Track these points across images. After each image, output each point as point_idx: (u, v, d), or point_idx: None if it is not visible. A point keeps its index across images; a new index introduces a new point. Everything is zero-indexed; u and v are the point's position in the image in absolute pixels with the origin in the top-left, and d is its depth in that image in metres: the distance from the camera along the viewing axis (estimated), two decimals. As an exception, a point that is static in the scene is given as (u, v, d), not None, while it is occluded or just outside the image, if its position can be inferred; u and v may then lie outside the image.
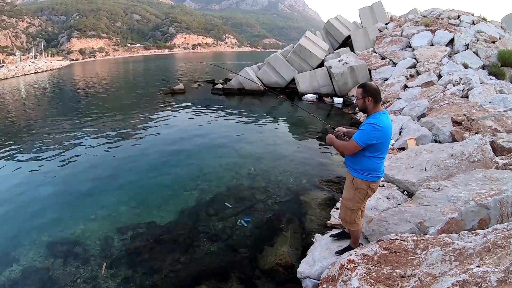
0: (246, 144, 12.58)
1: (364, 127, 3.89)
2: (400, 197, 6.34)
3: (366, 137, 3.85)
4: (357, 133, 3.95)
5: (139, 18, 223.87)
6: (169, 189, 8.88)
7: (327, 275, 4.22)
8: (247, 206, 7.73)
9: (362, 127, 3.92)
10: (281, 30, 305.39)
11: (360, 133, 3.90)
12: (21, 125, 17.77)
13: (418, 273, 3.38)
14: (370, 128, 3.83)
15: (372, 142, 3.86)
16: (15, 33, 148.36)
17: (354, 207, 4.31)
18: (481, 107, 9.42)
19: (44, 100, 29.34)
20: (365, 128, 3.87)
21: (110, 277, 5.64)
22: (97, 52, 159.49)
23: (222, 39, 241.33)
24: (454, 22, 21.11)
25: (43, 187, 9.43)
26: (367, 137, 3.84)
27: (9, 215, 7.95)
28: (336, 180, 8.63)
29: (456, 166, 6.46)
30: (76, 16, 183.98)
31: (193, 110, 19.28)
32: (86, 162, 11.26)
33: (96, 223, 7.34)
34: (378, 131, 3.81)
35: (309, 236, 6.01)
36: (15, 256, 6.35)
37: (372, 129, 3.81)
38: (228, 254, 6.07)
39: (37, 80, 50.82)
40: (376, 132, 3.81)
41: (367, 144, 3.87)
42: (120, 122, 17.34)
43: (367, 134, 3.84)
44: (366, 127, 3.86)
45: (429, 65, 16.51)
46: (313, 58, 23.11)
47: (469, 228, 4.22)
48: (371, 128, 3.82)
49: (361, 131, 3.90)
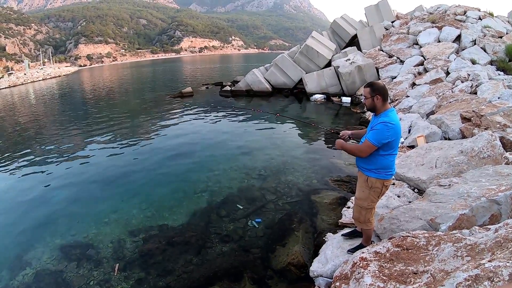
0: (255, 145, 12.62)
1: (378, 127, 3.88)
2: (411, 194, 6.34)
3: (381, 136, 3.85)
4: (371, 134, 3.94)
5: (145, 22, 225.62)
6: (180, 191, 8.94)
7: (340, 273, 4.24)
8: (258, 207, 7.76)
9: (376, 127, 3.90)
10: (287, 31, 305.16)
11: (375, 133, 3.90)
12: (32, 131, 18.04)
13: (430, 269, 3.39)
14: (384, 127, 3.83)
15: (387, 140, 3.87)
16: (23, 41, 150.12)
17: (368, 206, 4.33)
18: (490, 103, 9.36)
19: (53, 106, 29.69)
20: (379, 127, 3.86)
21: (123, 279, 5.70)
22: (105, 58, 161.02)
23: (229, 41, 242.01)
24: (460, 18, 20.97)
25: (55, 191, 9.59)
26: (381, 136, 3.85)
27: (22, 218, 8.11)
28: (346, 180, 8.63)
29: (466, 163, 6.45)
30: (83, 23, 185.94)
31: (202, 113, 19.35)
32: (97, 166, 11.41)
33: (109, 226, 7.43)
34: (391, 129, 3.83)
35: (320, 235, 6.02)
36: (29, 259, 6.47)
37: (386, 128, 3.83)
38: (240, 254, 6.10)
39: (46, 86, 51.46)
40: (390, 130, 3.83)
41: (382, 143, 3.88)
42: (129, 126, 17.51)
43: (382, 134, 3.85)
44: (380, 127, 3.86)
45: (436, 62, 16.43)
46: (320, 58, 23.09)
47: (480, 224, 4.22)
48: (385, 127, 3.83)
49: (375, 131, 3.90)
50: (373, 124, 4.02)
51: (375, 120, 4.06)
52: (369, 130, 4.14)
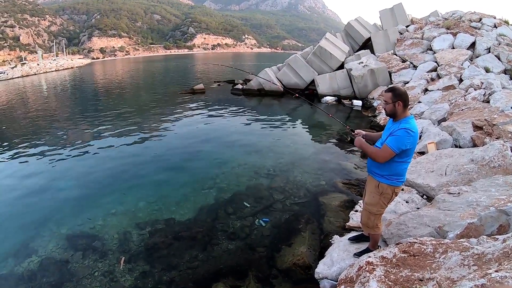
0: (265, 144, 12.63)
1: (399, 133, 3.81)
2: (419, 201, 6.33)
3: (401, 143, 3.79)
4: (391, 140, 3.87)
5: (159, 18, 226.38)
6: (188, 187, 8.99)
7: (345, 276, 4.26)
8: (265, 206, 7.77)
9: (397, 133, 3.84)
10: (301, 32, 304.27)
11: (395, 139, 3.83)
12: (42, 121, 18.24)
13: (436, 277, 3.40)
14: (405, 134, 3.78)
15: (406, 147, 3.82)
16: (37, 32, 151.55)
17: (378, 212, 4.32)
18: (502, 112, 9.29)
19: (64, 97, 29.99)
20: (400, 134, 3.80)
21: (128, 271, 5.75)
22: (118, 51, 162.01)
23: (242, 39, 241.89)
24: (475, 25, 20.76)
25: (63, 182, 9.70)
26: (401, 143, 3.79)
27: (30, 207, 8.22)
28: (355, 183, 8.60)
29: (476, 172, 6.42)
30: (97, 16, 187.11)
31: (213, 110, 19.38)
32: (106, 158, 11.51)
33: (115, 218, 7.50)
34: (411, 137, 3.78)
35: (327, 238, 6.03)
36: (35, 247, 6.55)
37: (407, 135, 3.77)
38: (245, 252, 6.12)
39: (58, 77, 51.95)
40: (410, 138, 3.78)
41: (402, 150, 3.82)
42: (140, 120, 17.61)
43: (402, 140, 3.79)
44: (401, 133, 3.80)
45: (450, 69, 16.31)
46: (333, 60, 23.00)
47: (488, 234, 4.21)
48: (406, 134, 3.77)
49: (396, 137, 3.83)
50: (393, 129, 3.94)
51: (394, 126, 3.98)
52: (386, 135, 4.07)
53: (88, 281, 5.53)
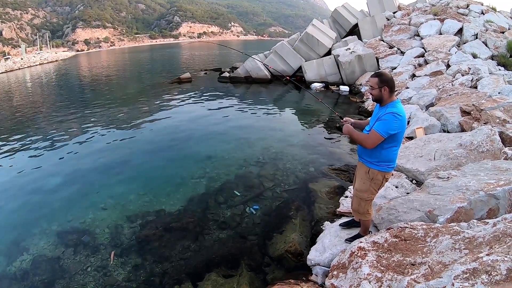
0: (253, 132, 12.60)
1: (386, 117, 3.78)
2: (409, 186, 6.36)
3: (389, 127, 3.77)
4: (378, 124, 3.84)
5: (144, 7, 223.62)
6: (177, 177, 8.93)
7: (338, 262, 4.27)
8: (255, 194, 7.77)
9: (384, 117, 3.81)
10: (287, 19, 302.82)
11: (382, 124, 3.80)
12: (28, 116, 17.89)
13: (428, 261, 3.42)
14: (392, 118, 3.75)
15: (394, 132, 3.79)
16: (20, 25, 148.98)
17: (368, 198, 4.32)
18: (490, 98, 9.34)
19: (50, 91, 29.55)
20: (387, 118, 3.77)
21: (120, 265, 5.71)
22: (102, 43, 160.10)
23: (228, 27, 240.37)
24: (463, 11, 20.85)
25: (51, 177, 9.53)
26: (389, 127, 3.76)
27: (18, 204, 8.07)
28: (344, 169, 8.62)
29: (465, 156, 6.47)
30: (81, 7, 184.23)
31: (200, 99, 19.26)
32: (94, 151, 11.33)
33: (105, 212, 7.42)
34: (399, 121, 3.76)
35: (318, 224, 6.05)
36: (26, 245, 6.45)
37: (394, 119, 3.74)
38: (237, 241, 6.12)
39: (42, 71, 51.20)
40: (397, 122, 3.75)
41: (389, 134, 3.79)
42: (127, 111, 17.42)
43: (389, 124, 3.76)
44: (388, 117, 3.77)
45: (437, 55, 16.36)
46: (320, 47, 22.94)
47: (478, 218, 4.24)
48: (393, 118, 3.74)
49: (383, 121, 3.80)
50: (380, 114, 3.91)
51: (381, 110, 3.95)
52: (373, 120, 4.05)
53: (81, 277, 5.48)
